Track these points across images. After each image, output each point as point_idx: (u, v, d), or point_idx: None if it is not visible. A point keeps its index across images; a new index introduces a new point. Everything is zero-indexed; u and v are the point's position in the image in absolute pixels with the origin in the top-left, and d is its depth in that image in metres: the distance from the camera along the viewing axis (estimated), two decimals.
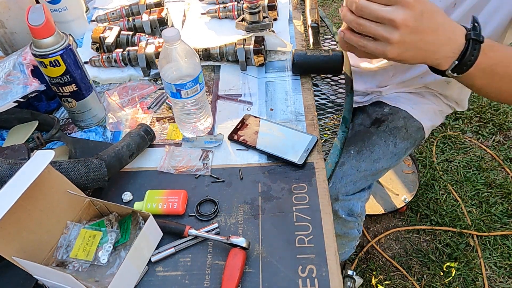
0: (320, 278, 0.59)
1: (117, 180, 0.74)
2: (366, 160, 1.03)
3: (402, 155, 1.09)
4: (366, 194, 1.08)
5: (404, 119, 1.06)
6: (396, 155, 1.06)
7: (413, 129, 1.07)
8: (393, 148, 1.05)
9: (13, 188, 0.53)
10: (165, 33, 0.66)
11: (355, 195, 1.05)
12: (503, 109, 1.96)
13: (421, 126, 1.08)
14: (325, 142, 0.83)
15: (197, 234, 0.64)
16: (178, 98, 0.73)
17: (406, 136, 1.06)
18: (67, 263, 0.62)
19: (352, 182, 1.02)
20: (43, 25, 0.69)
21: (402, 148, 1.07)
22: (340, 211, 1.05)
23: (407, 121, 1.07)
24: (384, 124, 1.06)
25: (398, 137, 1.05)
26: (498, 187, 1.67)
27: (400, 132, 1.05)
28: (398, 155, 1.07)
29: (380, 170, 1.06)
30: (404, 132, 1.06)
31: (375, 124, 1.07)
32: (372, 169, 1.04)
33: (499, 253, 1.49)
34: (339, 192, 1.02)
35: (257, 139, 0.78)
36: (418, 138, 1.09)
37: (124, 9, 1.08)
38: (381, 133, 1.05)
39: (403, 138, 1.06)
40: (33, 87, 0.79)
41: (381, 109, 1.09)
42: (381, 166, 1.05)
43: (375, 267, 1.50)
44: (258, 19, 0.94)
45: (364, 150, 1.04)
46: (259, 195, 0.70)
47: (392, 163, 1.08)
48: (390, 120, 1.06)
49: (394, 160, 1.07)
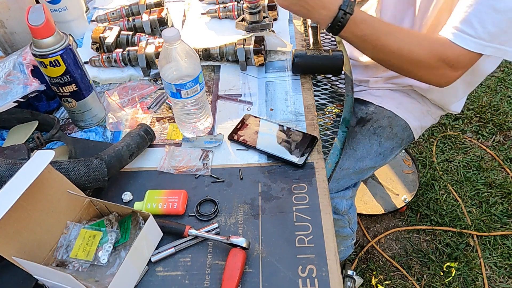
0: (320, 278, 0.59)
1: (117, 180, 0.74)
2: (350, 159, 1.03)
3: (388, 155, 1.09)
4: (350, 192, 1.08)
5: (389, 118, 1.07)
6: (381, 154, 1.07)
7: (398, 128, 1.07)
8: (378, 147, 1.05)
9: (13, 188, 0.53)
10: (165, 33, 0.66)
11: (339, 193, 1.05)
12: (503, 109, 1.96)
13: (407, 125, 1.07)
14: (325, 142, 0.83)
15: (197, 234, 0.64)
16: (178, 98, 0.73)
17: (391, 135, 1.06)
18: (67, 263, 0.62)
19: (335, 179, 1.02)
20: (43, 25, 0.69)
21: (388, 148, 1.07)
22: None
23: (392, 120, 1.07)
24: (369, 124, 1.06)
25: (383, 136, 1.05)
26: (498, 187, 1.67)
27: (385, 131, 1.06)
28: (384, 155, 1.07)
29: (364, 169, 1.06)
30: (389, 131, 1.06)
31: (360, 123, 1.07)
32: (355, 167, 1.04)
33: (499, 253, 1.49)
34: None
35: (257, 139, 0.78)
36: (405, 137, 1.09)
37: (124, 9, 1.08)
38: (366, 132, 1.06)
39: (388, 137, 1.06)
40: (33, 87, 0.79)
41: (367, 107, 1.10)
42: (365, 165, 1.05)
43: (375, 267, 1.50)
44: (258, 19, 0.94)
45: (347, 148, 1.04)
46: (259, 195, 0.70)
47: (377, 163, 1.08)
48: (375, 119, 1.06)
49: (379, 160, 1.07)
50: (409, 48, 0.78)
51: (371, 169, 1.09)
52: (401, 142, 1.10)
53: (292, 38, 1.03)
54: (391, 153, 1.09)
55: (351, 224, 1.19)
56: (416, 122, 1.09)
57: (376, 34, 0.78)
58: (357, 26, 0.77)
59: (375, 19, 0.80)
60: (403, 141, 1.10)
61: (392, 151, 1.09)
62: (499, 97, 2.02)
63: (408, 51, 0.78)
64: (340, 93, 0.95)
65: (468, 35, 0.75)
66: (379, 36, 0.78)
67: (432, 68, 0.79)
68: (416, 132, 1.10)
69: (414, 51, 0.78)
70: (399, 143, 1.09)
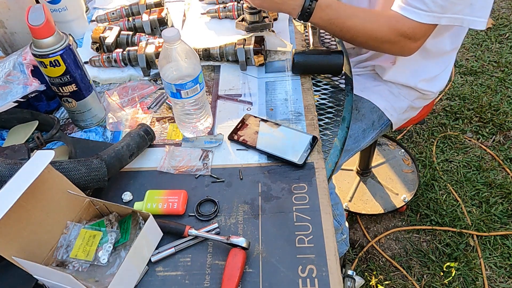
0: (320, 278, 0.59)
1: (117, 180, 0.74)
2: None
3: (360, 137, 1.10)
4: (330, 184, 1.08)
5: (355, 101, 1.09)
6: (351, 136, 1.08)
7: (365, 110, 1.10)
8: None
9: (13, 188, 0.53)
10: (165, 33, 0.66)
11: None
12: (503, 109, 1.96)
13: (374, 106, 1.10)
14: (325, 142, 0.83)
15: (197, 234, 0.64)
16: (178, 98, 0.73)
17: (359, 116, 1.10)
18: (67, 263, 0.62)
19: None
20: (43, 25, 0.69)
21: (358, 130, 1.09)
22: None
23: (358, 103, 1.10)
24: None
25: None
26: (498, 187, 1.67)
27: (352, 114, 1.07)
28: (355, 137, 1.09)
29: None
30: (355, 114, 1.09)
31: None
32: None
33: (499, 253, 1.49)
34: None
35: (257, 139, 0.78)
36: (376, 119, 1.11)
37: (124, 9, 1.08)
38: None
39: (355, 119, 1.09)
40: (33, 87, 0.79)
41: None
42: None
43: (375, 267, 1.50)
44: (258, 19, 0.94)
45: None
46: (259, 195, 0.70)
47: (349, 146, 1.09)
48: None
49: (351, 142, 1.09)
50: (371, 27, 0.87)
51: (344, 154, 1.10)
52: (373, 124, 1.12)
53: (292, 38, 1.03)
54: (364, 135, 1.11)
55: (336, 216, 1.20)
56: (384, 102, 1.11)
57: (341, 17, 0.86)
58: (323, 11, 0.85)
59: (339, 3, 0.88)
60: (375, 123, 1.12)
61: (364, 133, 1.11)
62: (499, 97, 2.02)
63: (370, 29, 0.87)
64: (340, 93, 0.95)
65: (420, 9, 0.82)
66: (344, 19, 0.86)
67: (393, 43, 0.87)
68: (390, 114, 1.12)
69: (375, 29, 0.87)
70: (370, 125, 1.11)
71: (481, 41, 2.33)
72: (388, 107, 1.12)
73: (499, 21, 2.44)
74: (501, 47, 2.29)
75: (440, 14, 0.82)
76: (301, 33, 1.06)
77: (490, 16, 2.46)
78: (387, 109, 1.12)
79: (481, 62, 2.21)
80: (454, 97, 2.04)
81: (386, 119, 1.13)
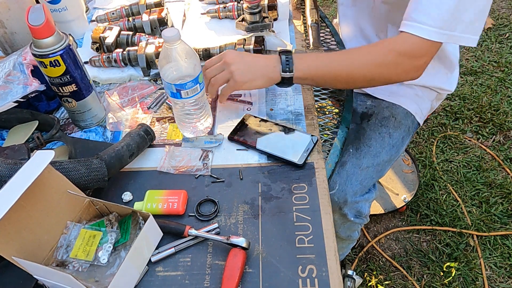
0: (320, 278, 0.59)
1: (117, 180, 0.74)
2: (366, 156, 1.03)
3: (400, 146, 1.09)
4: (373, 195, 1.08)
5: (388, 108, 1.08)
6: (394, 146, 1.07)
7: (401, 116, 1.08)
8: (389, 139, 1.06)
9: (13, 188, 0.53)
10: (165, 33, 0.66)
11: (363, 197, 1.04)
12: (503, 109, 1.96)
13: (407, 111, 1.08)
14: (325, 142, 0.83)
15: (197, 234, 0.64)
16: (178, 98, 0.73)
17: (397, 124, 1.07)
18: (67, 263, 0.62)
19: (358, 181, 1.02)
20: (43, 25, 0.69)
21: (398, 138, 1.07)
22: (349, 215, 1.04)
23: (391, 109, 1.08)
24: (373, 117, 1.07)
25: (390, 127, 1.06)
26: (498, 187, 1.67)
27: (390, 121, 1.06)
28: (397, 146, 1.08)
29: (382, 163, 1.05)
30: (393, 121, 1.07)
31: (364, 119, 1.08)
32: (374, 163, 1.03)
33: (499, 253, 1.49)
34: (347, 194, 1.00)
35: (257, 139, 0.78)
36: (410, 124, 1.10)
37: (124, 9, 1.08)
38: (373, 126, 1.06)
39: (395, 127, 1.07)
40: (33, 87, 0.79)
41: (364, 102, 1.11)
42: (381, 159, 1.05)
43: (375, 267, 1.50)
44: (258, 19, 0.94)
45: (362, 146, 1.04)
46: (259, 195, 0.70)
47: (392, 155, 1.08)
48: (377, 112, 1.08)
49: (393, 152, 1.07)
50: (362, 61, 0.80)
51: (387, 164, 1.08)
52: (408, 130, 1.10)
53: (292, 38, 1.03)
54: (402, 143, 1.09)
55: (359, 227, 1.19)
56: (413, 105, 1.09)
57: (325, 72, 0.81)
58: (303, 77, 0.80)
59: (318, 58, 0.82)
60: (410, 128, 1.10)
61: (403, 141, 1.09)
62: (499, 97, 2.02)
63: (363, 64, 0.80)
64: (340, 93, 0.95)
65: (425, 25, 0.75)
66: (329, 71, 0.81)
67: (396, 65, 0.79)
68: (419, 116, 1.11)
69: (369, 60, 0.80)
70: (406, 131, 1.09)
71: (481, 41, 2.33)
72: (418, 110, 1.10)
73: (499, 21, 2.44)
74: (501, 47, 2.29)
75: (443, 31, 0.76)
76: (301, 33, 1.06)
77: (490, 16, 2.46)
78: (417, 112, 1.10)
79: (481, 62, 2.21)
80: (454, 97, 2.04)
81: (417, 122, 1.11)
